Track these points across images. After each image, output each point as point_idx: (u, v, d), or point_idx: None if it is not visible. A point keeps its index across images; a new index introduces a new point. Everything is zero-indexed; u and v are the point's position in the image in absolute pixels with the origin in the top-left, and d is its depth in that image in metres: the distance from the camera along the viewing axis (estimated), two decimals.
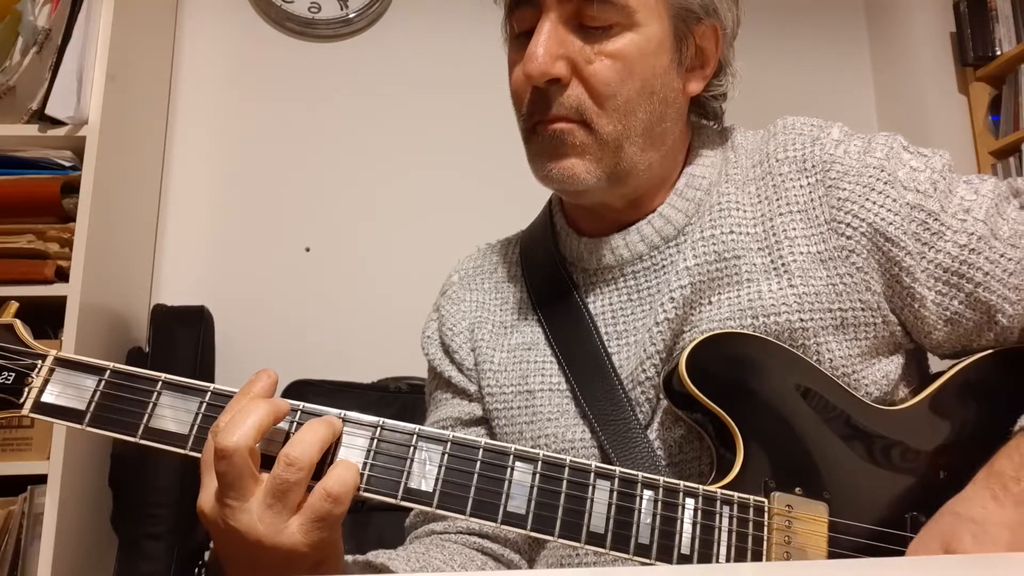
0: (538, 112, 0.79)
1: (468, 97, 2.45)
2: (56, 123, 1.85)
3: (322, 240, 2.37)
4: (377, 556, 0.79)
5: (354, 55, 2.49)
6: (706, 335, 0.75)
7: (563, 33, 0.77)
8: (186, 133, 2.38)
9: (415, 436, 0.65)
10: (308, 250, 2.37)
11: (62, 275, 1.79)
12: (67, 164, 1.86)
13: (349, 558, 0.75)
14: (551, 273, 0.90)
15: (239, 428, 0.58)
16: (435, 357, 0.96)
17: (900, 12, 2.68)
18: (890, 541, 0.69)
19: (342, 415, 0.64)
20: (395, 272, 2.34)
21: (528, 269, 0.93)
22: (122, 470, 1.90)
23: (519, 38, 0.82)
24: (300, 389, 2.03)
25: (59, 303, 1.75)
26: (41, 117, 1.85)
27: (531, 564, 0.88)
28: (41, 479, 1.69)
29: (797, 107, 0.89)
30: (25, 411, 0.63)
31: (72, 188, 1.82)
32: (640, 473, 0.67)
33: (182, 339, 2.05)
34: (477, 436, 0.89)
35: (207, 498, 0.60)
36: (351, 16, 2.47)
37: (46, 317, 1.76)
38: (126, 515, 1.90)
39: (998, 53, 2.45)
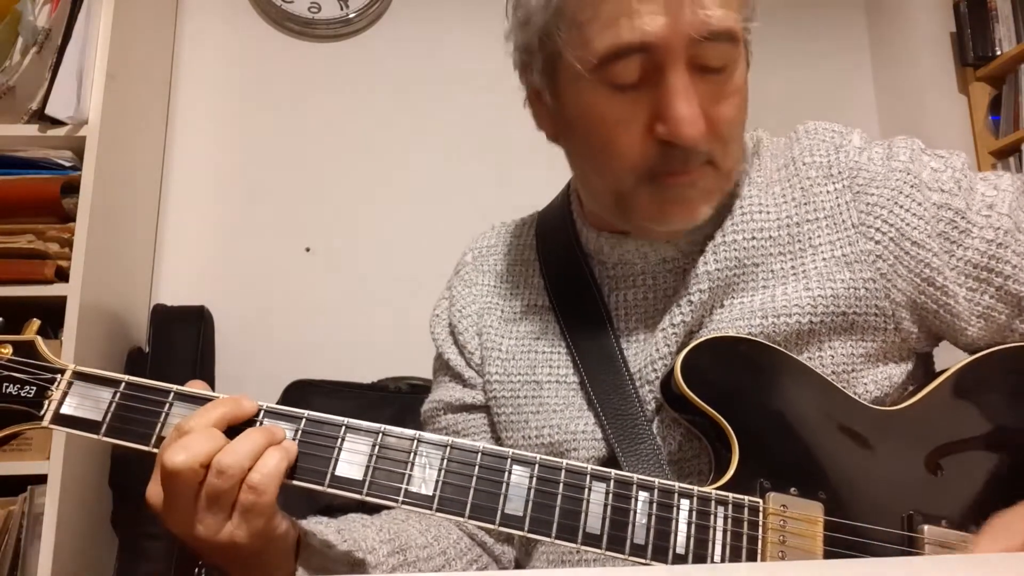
0: (664, 166, 0.74)
1: (468, 97, 2.45)
2: (56, 123, 1.86)
3: (322, 240, 2.38)
4: (352, 521, 0.81)
5: (354, 55, 2.50)
6: (701, 339, 0.75)
7: (693, 82, 0.71)
8: (186, 133, 2.39)
9: (415, 442, 0.67)
10: (308, 250, 2.37)
11: (62, 275, 1.79)
12: (67, 164, 1.86)
13: (313, 520, 0.77)
14: (569, 263, 0.89)
15: (188, 450, 0.61)
16: (440, 337, 0.96)
17: (900, 12, 2.68)
18: (886, 540, 0.69)
19: (345, 423, 0.67)
20: (395, 272, 2.34)
21: (544, 255, 0.93)
22: (123, 471, 1.90)
23: (621, 89, 0.72)
24: (300, 389, 2.03)
25: (59, 303, 1.75)
26: (41, 117, 1.85)
27: (525, 558, 0.89)
28: (41, 479, 1.69)
29: (797, 107, 0.89)
30: (45, 423, 0.67)
31: (72, 188, 1.83)
32: (635, 475, 0.67)
33: (182, 339, 2.05)
34: (466, 422, 0.92)
35: (154, 493, 0.64)
36: (351, 16, 2.48)
37: (46, 317, 1.74)
38: (126, 515, 1.90)
39: (998, 53, 2.45)
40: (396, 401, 2.03)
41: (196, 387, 0.69)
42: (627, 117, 0.73)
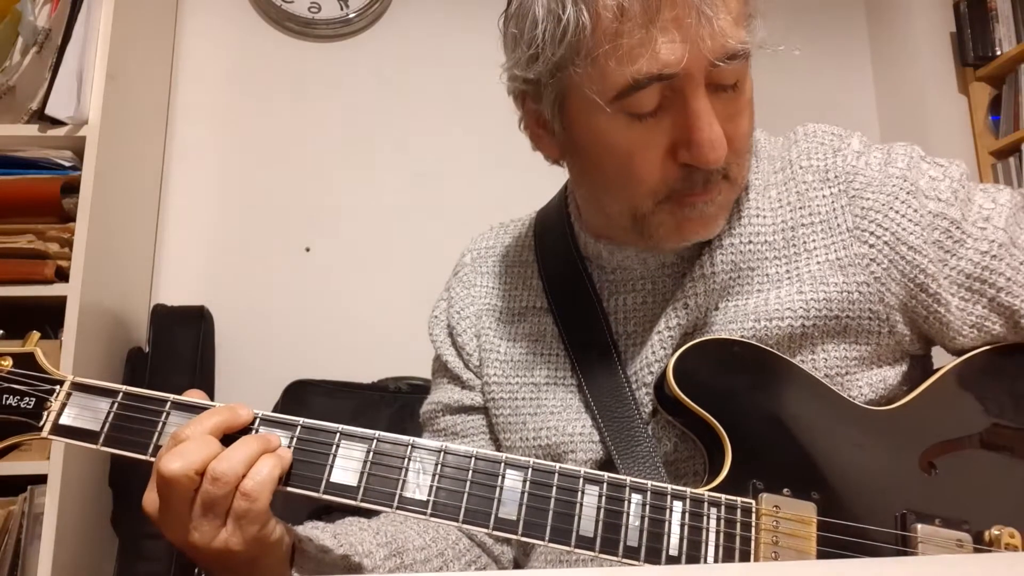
0: (685, 188, 0.74)
1: (468, 97, 2.45)
2: (56, 123, 1.86)
3: (322, 240, 2.38)
4: (349, 524, 0.81)
5: (354, 55, 2.50)
6: (693, 342, 0.76)
7: (711, 102, 0.70)
8: (186, 133, 2.39)
9: (409, 447, 0.67)
10: (308, 250, 2.37)
11: (62, 275, 1.79)
12: (67, 164, 1.87)
13: (309, 525, 0.77)
14: (567, 266, 0.90)
15: (184, 457, 0.62)
16: (438, 338, 0.97)
17: (900, 12, 2.68)
18: (880, 539, 0.70)
19: (339, 429, 0.67)
20: (395, 272, 2.34)
21: (542, 257, 0.93)
22: (122, 471, 1.91)
23: (639, 117, 0.71)
24: (300, 389, 2.04)
25: (59, 303, 1.75)
26: (41, 117, 1.85)
27: (524, 558, 0.89)
28: (41, 479, 1.69)
29: (798, 107, 0.89)
30: (44, 433, 0.68)
31: (72, 188, 1.83)
32: (628, 478, 0.68)
33: (182, 339, 2.05)
34: (464, 424, 0.93)
35: (151, 500, 0.65)
36: (351, 16, 2.48)
37: (46, 317, 1.76)
38: (126, 515, 1.90)
39: (998, 53, 2.45)
40: (396, 401, 2.03)
41: (193, 396, 0.69)
42: (646, 144, 0.72)
